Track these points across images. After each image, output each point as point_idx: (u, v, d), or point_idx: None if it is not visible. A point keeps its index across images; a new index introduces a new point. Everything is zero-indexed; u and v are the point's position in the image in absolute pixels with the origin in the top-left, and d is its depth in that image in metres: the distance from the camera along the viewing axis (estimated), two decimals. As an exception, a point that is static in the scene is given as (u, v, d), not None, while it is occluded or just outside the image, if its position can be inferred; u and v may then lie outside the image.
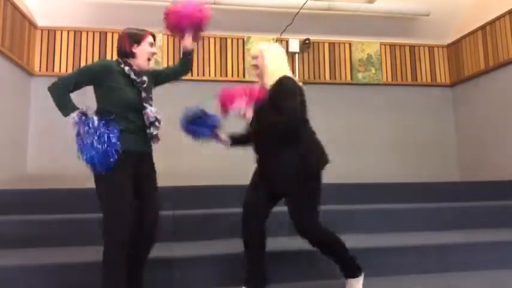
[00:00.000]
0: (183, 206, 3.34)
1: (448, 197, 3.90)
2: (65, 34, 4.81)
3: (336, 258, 2.23)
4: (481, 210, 3.49)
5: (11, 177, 4.11)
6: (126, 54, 2.04)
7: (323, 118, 5.20)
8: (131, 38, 2.04)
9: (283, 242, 2.70)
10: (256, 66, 2.24)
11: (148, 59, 2.08)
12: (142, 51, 2.05)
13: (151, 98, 2.07)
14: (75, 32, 4.82)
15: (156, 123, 2.05)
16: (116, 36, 4.90)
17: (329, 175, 5.15)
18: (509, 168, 4.51)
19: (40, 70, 4.68)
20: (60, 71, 4.70)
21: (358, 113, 5.31)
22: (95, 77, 1.96)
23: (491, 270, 2.70)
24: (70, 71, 4.69)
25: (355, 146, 5.21)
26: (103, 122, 1.84)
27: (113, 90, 1.95)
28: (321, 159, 2.29)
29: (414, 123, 5.40)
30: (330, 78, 5.35)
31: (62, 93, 1.90)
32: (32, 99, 4.60)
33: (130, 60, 2.04)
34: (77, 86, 1.94)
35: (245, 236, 2.19)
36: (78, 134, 1.82)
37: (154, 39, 2.14)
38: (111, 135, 1.82)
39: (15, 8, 4.22)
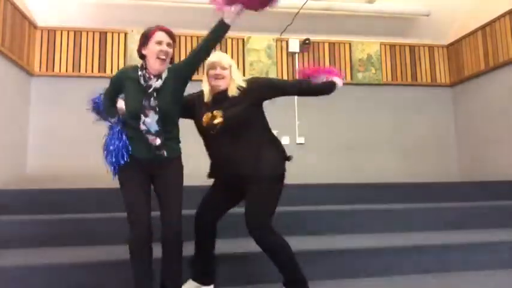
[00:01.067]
0: (183, 206, 3.34)
1: (448, 197, 3.91)
2: (65, 34, 4.80)
3: (280, 265, 2.17)
4: (481, 210, 3.49)
5: (11, 177, 4.11)
6: (141, 57, 2.00)
7: (323, 118, 5.23)
8: (142, 39, 1.97)
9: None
10: (222, 76, 2.14)
11: (159, 59, 1.93)
12: (150, 51, 1.94)
13: (156, 105, 1.91)
14: (75, 32, 4.82)
15: (150, 133, 1.91)
16: (115, 36, 4.94)
17: (329, 175, 5.18)
18: (509, 168, 4.52)
19: (40, 70, 4.68)
20: (60, 71, 4.70)
21: (358, 113, 5.31)
22: (115, 85, 2.02)
23: (491, 270, 2.70)
24: (70, 71, 4.71)
25: (355, 146, 5.22)
26: (119, 128, 1.98)
27: (125, 98, 1.99)
28: (283, 163, 2.23)
29: (414, 123, 5.40)
30: (330, 78, 5.34)
31: (103, 102, 2.07)
32: (32, 99, 4.59)
33: (146, 63, 1.97)
34: (111, 96, 2.04)
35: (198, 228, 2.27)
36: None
37: (169, 35, 1.97)
38: (116, 140, 1.94)
39: (15, 8, 4.21)
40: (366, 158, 5.20)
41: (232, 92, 2.13)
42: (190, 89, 2.17)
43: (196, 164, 2.38)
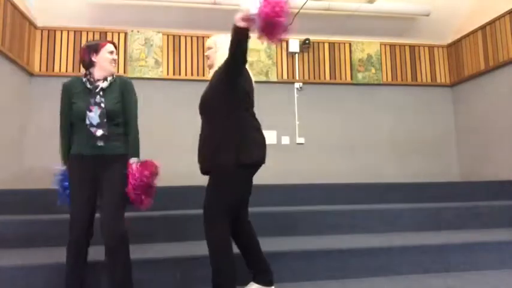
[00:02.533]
0: (183, 206, 3.34)
1: (448, 197, 3.91)
2: (65, 34, 4.80)
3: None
4: (481, 210, 3.49)
5: (11, 177, 4.11)
6: (86, 65, 2.20)
7: (323, 118, 5.23)
8: (92, 49, 2.19)
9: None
10: (207, 57, 2.33)
11: (113, 65, 2.21)
12: (103, 58, 2.17)
13: (100, 102, 2.10)
14: (75, 32, 4.82)
15: (93, 126, 2.06)
16: (115, 36, 4.94)
17: (329, 175, 5.19)
18: (509, 168, 4.52)
19: (40, 70, 4.68)
20: (60, 70, 4.70)
21: (358, 113, 5.31)
22: (66, 96, 2.20)
23: (491, 270, 2.71)
24: (70, 71, 4.71)
25: (355, 146, 5.22)
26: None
27: (73, 105, 2.14)
28: (241, 157, 2.04)
29: (414, 123, 5.40)
30: (330, 78, 5.35)
31: (61, 141, 2.23)
32: (32, 99, 4.59)
33: (92, 69, 2.19)
34: (66, 118, 2.17)
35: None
36: None
37: (115, 46, 2.26)
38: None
39: (15, 8, 4.22)
40: (366, 157, 5.20)
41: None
42: (189, 88, 2.17)
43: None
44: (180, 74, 4.98)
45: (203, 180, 3.11)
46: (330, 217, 3.26)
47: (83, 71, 2.26)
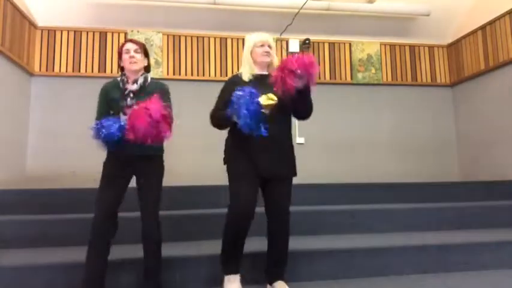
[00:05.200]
0: (183, 206, 3.34)
1: (448, 197, 3.91)
2: (65, 34, 4.80)
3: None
4: (481, 210, 3.50)
5: (11, 177, 4.11)
6: (121, 70, 2.29)
7: (323, 118, 5.22)
8: (118, 56, 2.29)
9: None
10: (269, 54, 2.36)
11: (130, 63, 2.21)
12: (124, 61, 2.23)
13: (132, 104, 2.14)
14: (75, 32, 4.82)
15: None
16: (115, 36, 4.94)
17: (329, 175, 5.19)
18: (509, 168, 4.52)
19: (40, 70, 4.67)
20: (60, 71, 4.70)
21: (358, 113, 5.31)
22: (104, 98, 2.25)
23: (491, 270, 2.71)
24: (70, 71, 4.71)
25: (355, 145, 5.22)
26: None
27: (110, 102, 2.23)
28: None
29: (414, 123, 5.40)
30: (330, 78, 5.35)
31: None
32: (32, 99, 4.59)
33: (125, 73, 2.26)
34: (104, 109, 2.23)
35: None
36: None
37: (134, 42, 2.27)
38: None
39: (15, 7, 4.21)
40: (366, 158, 5.20)
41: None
42: (189, 88, 2.17)
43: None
44: (180, 74, 4.97)
45: (203, 180, 3.13)
46: (330, 217, 3.26)
47: (82, 71, 2.30)
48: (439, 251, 2.74)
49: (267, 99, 2.00)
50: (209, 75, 4.97)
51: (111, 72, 4.77)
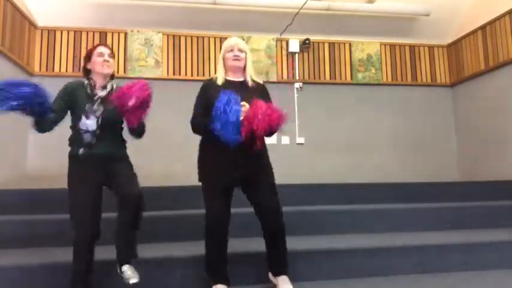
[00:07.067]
0: (183, 206, 3.34)
1: (448, 197, 3.91)
2: (65, 34, 4.80)
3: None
4: (481, 210, 3.49)
5: (11, 177, 4.11)
6: (85, 73, 2.27)
7: (323, 118, 5.23)
8: (85, 59, 2.27)
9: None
10: (239, 58, 2.35)
11: (104, 66, 2.20)
12: (95, 63, 2.21)
13: (100, 111, 2.15)
14: (75, 32, 4.82)
15: (87, 134, 2.17)
16: (115, 36, 4.94)
17: (329, 175, 5.18)
18: (509, 168, 4.52)
19: (40, 70, 4.67)
20: (60, 70, 4.70)
21: (358, 113, 5.31)
22: (66, 94, 2.26)
23: (491, 270, 2.71)
24: (70, 71, 4.72)
25: (355, 146, 5.22)
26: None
27: (74, 105, 2.23)
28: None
29: (414, 123, 5.40)
30: (330, 78, 5.35)
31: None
32: (32, 99, 4.59)
33: (91, 76, 2.24)
34: (59, 104, 2.22)
35: None
36: None
37: (107, 46, 2.27)
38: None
39: (15, 8, 4.21)
40: (366, 158, 5.20)
41: (250, 81, 2.32)
42: (189, 88, 2.17)
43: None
44: (180, 74, 4.98)
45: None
46: (330, 217, 3.26)
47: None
48: (439, 251, 2.74)
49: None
50: (209, 75, 4.96)
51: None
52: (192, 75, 4.98)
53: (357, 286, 2.43)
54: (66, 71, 4.71)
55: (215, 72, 2.47)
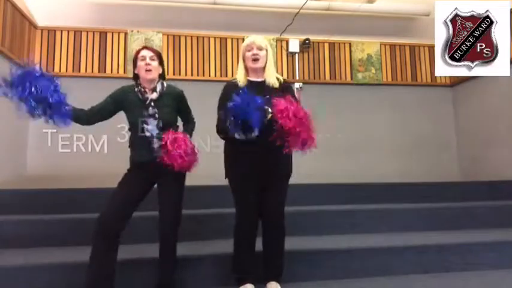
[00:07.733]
0: (183, 206, 3.33)
1: (448, 197, 3.90)
2: (65, 34, 4.80)
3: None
4: (481, 210, 3.49)
5: (11, 177, 4.11)
6: (135, 78, 2.28)
7: (323, 118, 5.22)
8: (133, 64, 2.27)
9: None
10: (258, 57, 2.27)
11: (146, 71, 2.20)
12: (139, 68, 2.22)
13: (155, 113, 2.18)
14: (75, 32, 4.82)
15: (153, 137, 2.16)
16: (115, 36, 4.94)
17: (329, 175, 5.17)
18: (509, 168, 4.51)
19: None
20: (60, 71, 4.70)
21: (358, 113, 5.31)
22: (115, 99, 2.24)
23: (491, 270, 2.71)
24: (70, 71, 4.71)
25: (355, 146, 5.22)
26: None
27: (127, 110, 2.24)
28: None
29: (414, 123, 5.40)
30: (330, 78, 5.35)
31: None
32: (32, 99, 4.59)
33: (140, 81, 2.25)
34: (107, 107, 2.23)
35: None
36: None
37: (149, 49, 2.27)
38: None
39: (15, 8, 4.21)
40: (365, 158, 5.20)
41: (272, 81, 2.26)
42: (190, 88, 2.18)
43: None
44: (180, 74, 4.97)
45: (203, 180, 3.12)
46: (330, 217, 3.26)
47: (82, 71, 2.29)
48: (439, 251, 2.74)
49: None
50: (209, 75, 4.97)
51: (111, 72, 4.77)
52: (192, 75, 4.97)
53: (357, 286, 2.44)
54: (66, 71, 4.71)
55: (215, 72, 2.46)
